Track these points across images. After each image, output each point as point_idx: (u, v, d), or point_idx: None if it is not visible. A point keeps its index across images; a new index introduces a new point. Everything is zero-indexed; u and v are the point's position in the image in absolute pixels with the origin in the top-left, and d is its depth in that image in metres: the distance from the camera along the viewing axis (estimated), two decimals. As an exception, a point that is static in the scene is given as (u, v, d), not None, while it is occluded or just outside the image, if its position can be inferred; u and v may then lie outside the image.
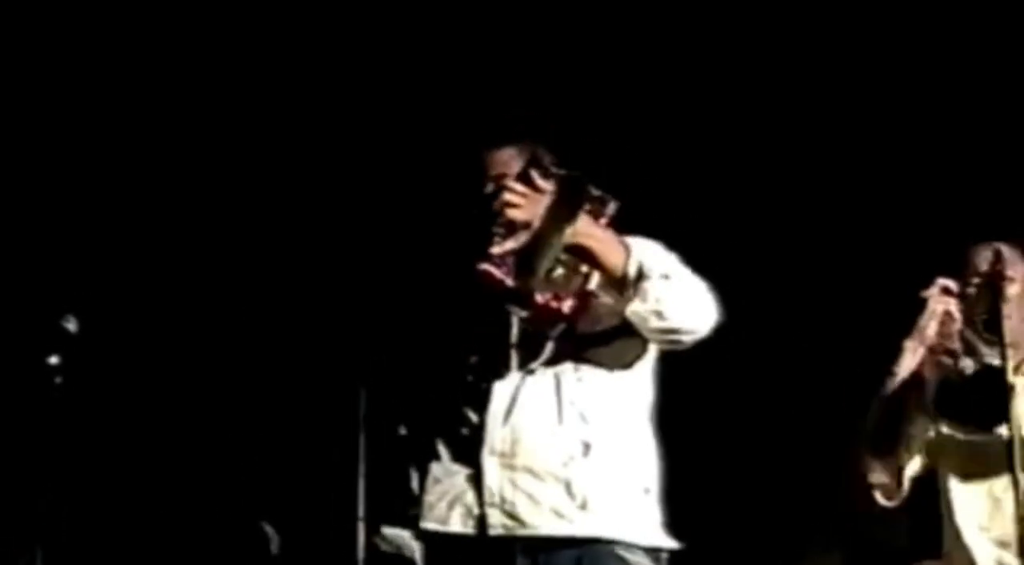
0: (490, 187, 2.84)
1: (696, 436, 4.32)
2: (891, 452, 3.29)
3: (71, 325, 3.83)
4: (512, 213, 2.58)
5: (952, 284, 3.28)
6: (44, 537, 3.81)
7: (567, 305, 2.64)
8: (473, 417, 2.78)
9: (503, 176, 2.82)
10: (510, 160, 2.86)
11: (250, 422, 5.11)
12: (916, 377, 3.25)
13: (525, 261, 2.58)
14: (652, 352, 2.88)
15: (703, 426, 4.75)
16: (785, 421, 4.99)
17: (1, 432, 5.01)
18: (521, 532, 2.70)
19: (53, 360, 3.78)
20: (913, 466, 3.35)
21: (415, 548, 4.35)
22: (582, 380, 2.78)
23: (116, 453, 5.24)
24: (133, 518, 5.26)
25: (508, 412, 2.76)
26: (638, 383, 2.87)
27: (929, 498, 3.50)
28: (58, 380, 3.78)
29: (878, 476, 3.33)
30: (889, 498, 3.35)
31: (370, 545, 4.44)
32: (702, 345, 2.74)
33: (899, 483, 3.33)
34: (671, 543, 2.82)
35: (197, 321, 5.28)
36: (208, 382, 5.23)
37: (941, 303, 3.22)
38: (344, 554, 3.96)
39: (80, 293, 4.75)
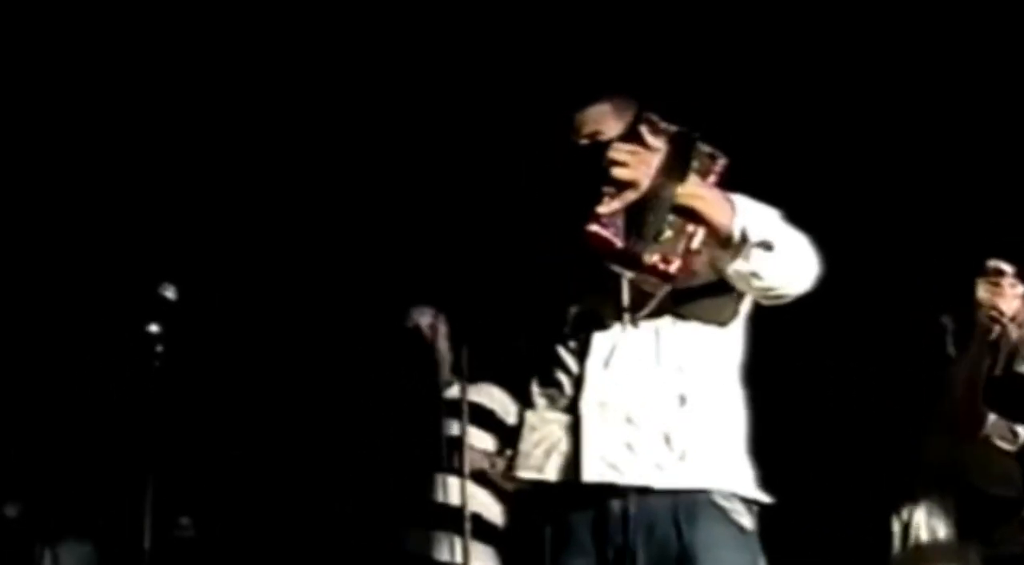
0: (584, 143, 2.80)
1: (797, 391, 4.27)
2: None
3: (170, 293, 3.88)
4: (618, 172, 2.51)
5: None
6: (147, 503, 3.86)
7: (675, 266, 2.57)
8: (572, 366, 2.76)
9: (597, 133, 2.79)
10: (602, 116, 2.82)
11: (345, 386, 5.14)
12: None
13: (634, 222, 2.54)
14: (745, 309, 2.84)
15: (802, 380, 4.71)
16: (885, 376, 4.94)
17: (104, 399, 5.10)
18: (618, 480, 2.67)
19: (153, 328, 3.83)
20: None
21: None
22: (680, 333, 2.75)
23: (216, 419, 5.31)
24: (233, 484, 5.33)
25: (607, 362, 2.73)
26: (733, 339, 2.84)
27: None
28: (158, 348, 3.83)
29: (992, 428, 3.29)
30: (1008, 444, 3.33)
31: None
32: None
33: (1014, 434, 3.29)
34: (765, 497, 2.78)
35: (295, 286, 5.32)
36: (305, 346, 5.27)
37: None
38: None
39: (179, 262, 4.81)
